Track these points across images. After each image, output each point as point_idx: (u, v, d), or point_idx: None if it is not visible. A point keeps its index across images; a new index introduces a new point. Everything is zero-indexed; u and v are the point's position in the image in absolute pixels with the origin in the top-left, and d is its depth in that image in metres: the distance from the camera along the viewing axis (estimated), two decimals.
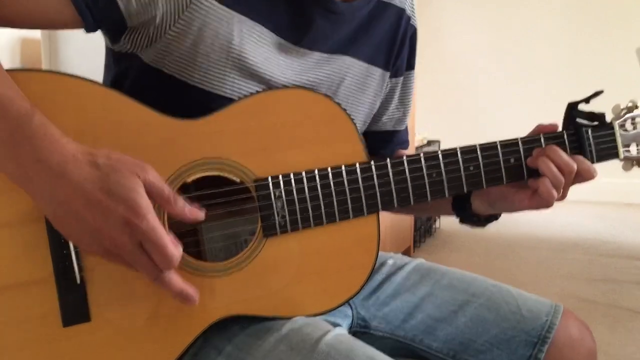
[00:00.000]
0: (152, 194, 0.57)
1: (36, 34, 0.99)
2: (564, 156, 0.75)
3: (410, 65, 0.92)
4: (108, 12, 0.66)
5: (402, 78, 0.92)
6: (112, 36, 0.73)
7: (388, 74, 0.88)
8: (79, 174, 0.55)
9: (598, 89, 0.78)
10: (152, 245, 0.56)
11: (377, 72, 0.86)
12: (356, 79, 0.84)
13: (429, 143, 3.00)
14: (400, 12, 0.88)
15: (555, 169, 0.74)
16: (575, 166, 0.74)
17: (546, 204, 0.76)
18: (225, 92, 0.72)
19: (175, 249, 0.57)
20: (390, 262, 0.94)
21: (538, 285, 2.32)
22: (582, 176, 0.76)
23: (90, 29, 0.68)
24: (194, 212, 0.60)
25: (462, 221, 0.87)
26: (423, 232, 2.92)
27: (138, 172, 0.57)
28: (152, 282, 0.59)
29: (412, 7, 0.91)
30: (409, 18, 0.89)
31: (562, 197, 0.77)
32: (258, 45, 0.73)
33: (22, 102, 0.57)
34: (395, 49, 0.88)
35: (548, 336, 0.80)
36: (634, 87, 2.94)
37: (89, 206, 0.55)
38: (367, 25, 0.83)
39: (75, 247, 0.63)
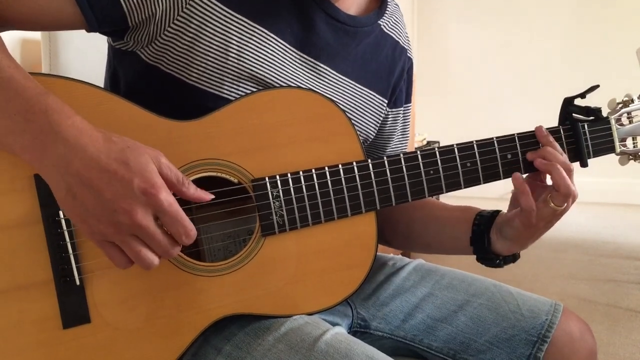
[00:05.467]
0: (167, 176, 0.58)
1: (36, 35, 0.99)
2: (559, 157, 0.74)
3: (408, 99, 0.94)
4: (110, 10, 0.67)
5: (402, 110, 0.93)
6: (115, 36, 0.73)
7: (386, 102, 0.89)
8: (94, 146, 0.56)
9: (602, 92, 0.78)
10: (171, 217, 0.57)
11: (375, 97, 0.87)
12: (355, 101, 0.84)
13: (429, 144, 3.00)
14: (395, 44, 0.89)
15: (567, 179, 0.71)
16: (572, 165, 0.74)
17: (529, 214, 0.74)
18: (222, 93, 0.72)
19: (191, 223, 0.59)
20: (390, 262, 0.94)
21: (538, 285, 2.32)
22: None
23: (92, 28, 0.68)
24: (203, 195, 0.62)
25: (478, 259, 0.84)
26: None
27: (152, 156, 0.58)
28: (163, 255, 0.59)
29: (408, 40, 0.92)
30: (404, 50, 0.91)
31: (565, 210, 0.74)
32: (258, 48, 0.73)
33: (35, 83, 0.59)
34: (392, 79, 0.89)
35: (548, 335, 0.80)
36: (634, 89, 2.94)
37: (105, 176, 0.55)
38: (368, 51, 0.84)
39: (74, 250, 0.63)
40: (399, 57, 0.89)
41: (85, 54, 0.98)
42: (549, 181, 0.76)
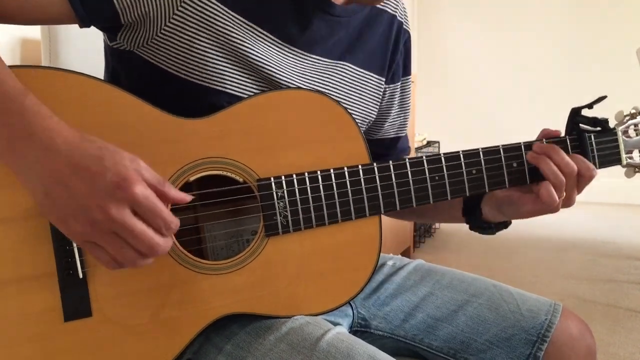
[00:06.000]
0: (147, 179, 0.57)
1: (36, 35, 0.99)
2: (565, 157, 0.75)
3: (407, 71, 0.94)
4: (101, 6, 0.66)
5: (399, 84, 0.93)
6: (109, 33, 0.73)
7: (383, 79, 0.89)
8: (69, 144, 0.55)
9: (601, 93, 0.79)
10: (148, 210, 0.55)
11: (372, 78, 0.87)
12: (354, 85, 0.84)
13: (429, 144, 3.00)
14: (392, 18, 0.88)
15: (555, 169, 0.74)
16: (575, 167, 0.74)
17: (549, 208, 0.76)
18: (225, 88, 0.72)
19: (172, 215, 0.57)
20: (390, 262, 0.94)
21: (538, 285, 2.32)
22: (583, 176, 0.75)
23: (84, 23, 0.68)
24: (184, 196, 0.60)
25: (471, 228, 0.86)
26: (423, 233, 2.92)
27: (130, 158, 0.56)
28: (147, 251, 0.57)
29: (404, 13, 0.92)
30: (401, 23, 0.90)
31: (568, 200, 0.76)
32: (257, 43, 0.73)
33: (15, 83, 0.57)
34: (388, 55, 0.88)
35: (547, 335, 0.80)
36: (634, 89, 2.94)
37: (77, 173, 0.54)
38: (362, 31, 0.83)
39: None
40: (396, 31, 0.89)
41: (85, 54, 0.98)
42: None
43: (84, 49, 0.98)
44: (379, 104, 0.90)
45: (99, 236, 0.56)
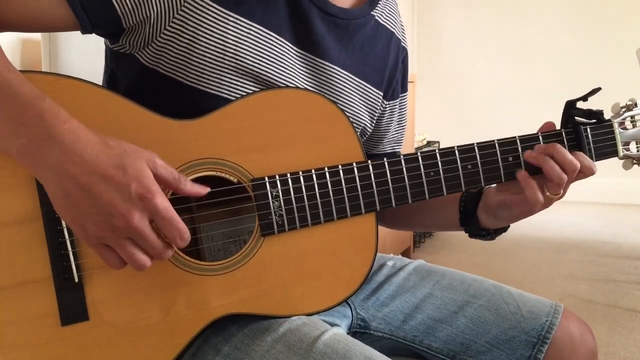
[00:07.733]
0: (163, 176, 0.59)
1: (36, 35, 0.99)
2: (568, 155, 0.73)
3: (404, 88, 0.94)
4: (104, 12, 0.67)
5: (398, 100, 0.93)
6: (111, 37, 0.73)
7: (381, 94, 0.88)
8: (91, 150, 0.56)
9: (602, 92, 0.78)
10: (167, 221, 0.58)
11: (371, 90, 0.86)
12: (353, 96, 0.84)
13: (429, 143, 3.00)
14: (391, 35, 0.88)
15: (558, 169, 0.73)
16: (578, 165, 0.73)
17: (536, 208, 0.75)
18: (222, 93, 0.72)
19: (185, 226, 0.59)
20: (390, 263, 0.94)
21: (538, 285, 2.32)
22: (584, 173, 0.75)
23: (86, 30, 0.68)
24: (200, 189, 0.63)
25: (471, 236, 0.86)
26: (423, 233, 2.92)
27: (147, 159, 0.58)
28: (155, 257, 0.60)
29: (403, 29, 0.92)
30: (399, 40, 0.90)
31: (562, 195, 0.76)
32: (256, 45, 0.73)
33: (31, 86, 0.58)
34: (387, 71, 0.88)
35: (548, 336, 0.80)
36: (634, 88, 2.94)
37: (102, 181, 0.56)
38: (367, 44, 0.84)
39: (73, 247, 0.63)
40: (394, 48, 0.89)
41: (85, 54, 0.98)
42: None
43: (83, 49, 0.99)
44: (374, 116, 0.89)
45: (114, 241, 0.58)
